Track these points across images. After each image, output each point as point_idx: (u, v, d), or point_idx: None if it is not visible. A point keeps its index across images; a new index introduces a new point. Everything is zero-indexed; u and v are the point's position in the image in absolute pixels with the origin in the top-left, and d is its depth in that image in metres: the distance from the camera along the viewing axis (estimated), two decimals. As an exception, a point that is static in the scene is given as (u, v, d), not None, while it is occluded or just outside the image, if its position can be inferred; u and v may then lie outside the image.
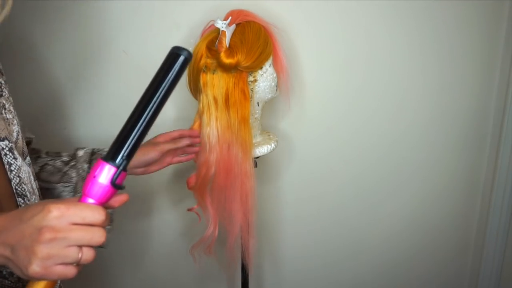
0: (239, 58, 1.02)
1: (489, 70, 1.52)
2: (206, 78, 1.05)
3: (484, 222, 1.67)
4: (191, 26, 1.22)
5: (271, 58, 1.10)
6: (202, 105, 1.08)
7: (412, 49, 1.43)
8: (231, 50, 1.02)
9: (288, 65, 1.17)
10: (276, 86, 1.14)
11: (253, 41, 1.04)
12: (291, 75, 1.25)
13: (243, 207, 1.14)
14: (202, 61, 1.05)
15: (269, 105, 1.30)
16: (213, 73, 1.05)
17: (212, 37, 1.05)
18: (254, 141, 1.16)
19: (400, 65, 1.45)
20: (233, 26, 1.04)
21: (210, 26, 1.12)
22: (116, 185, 0.57)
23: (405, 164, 1.57)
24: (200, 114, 1.10)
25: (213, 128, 1.07)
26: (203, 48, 1.05)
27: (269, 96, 1.13)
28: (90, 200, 0.57)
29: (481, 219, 1.69)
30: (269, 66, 1.10)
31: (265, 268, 1.59)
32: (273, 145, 1.18)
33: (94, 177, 0.57)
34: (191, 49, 1.09)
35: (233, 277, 1.55)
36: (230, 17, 1.04)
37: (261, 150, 1.16)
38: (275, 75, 1.12)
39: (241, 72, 1.04)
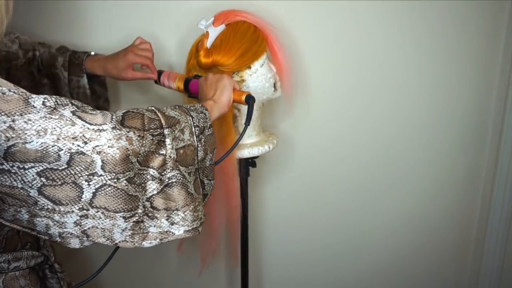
0: (215, 57, 1.02)
1: (489, 70, 1.52)
2: None
3: (484, 220, 1.68)
4: (191, 26, 1.22)
5: (262, 58, 1.09)
6: (186, 101, 1.10)
7: (414, 49, 1.44)
8: (209, 50, 1.03)
9: (289, 65, 1.16)
10: (273, 87, 1.12)
11: (234, 41, 1.04)
12: (293, 76, 1.25)
13: (228, 206, 1.15)
14: (191, 62, 1.07)
15: (270, 105, 1.30)
16: (198, 74, 1.06)
17: (202, 38, 1.06)
18: (248, 141, 1.16)
19: (401, 65, 1.45)
20: (222, 26, 1.04)
21: None
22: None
23: (406, 163, 1.57)
24: None
25: None
26: (193, 49, 1.08)
27: (265, 97, 1.12)
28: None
29: (482, 217, 1.69)
30: (260, 66, 1.08)
31: (265, 266, 1.59)
32: (266, 147, 1.15)
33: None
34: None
35: (233, 275, 1.55)
36: (212, 18, 1.04)
37: (252, 151, 1.14)
38: (269, 75, 1.10)
39: (223, 73, 1.04)
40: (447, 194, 1.65)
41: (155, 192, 0.74)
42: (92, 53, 1.07)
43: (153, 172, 0.73)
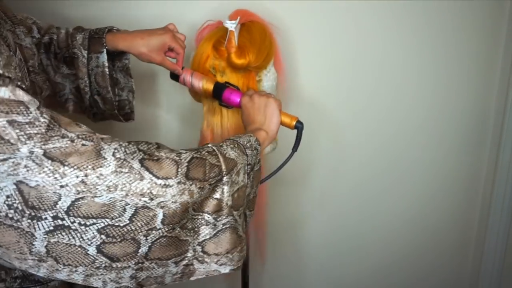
0: (251, 58, 1.00)
1: (489, 69, 1.53)
2: None
3: (485, 219, 1.68)
4: (191, 26, 1.22)
5: (273, 58, 1.09)
6: (212, 107, 1.07)
7: (413, 48, 1.44)
8: (241, 51, 1.00)
9: (287, 65, 1.17)
10: (276, 86, 1.13)
11: (261, 41, 1.03)
12: (289, 75, 1.25)
13: (256, 219, 1.14)
14: (209, 62, 1.03)
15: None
16: (222, 75, 1.04)
17: (218, 37, 1.03)
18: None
19: (400, 64, 1.45)
20: (239, 26, 1.03)
21: (206, 27, 1.11)
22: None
23: (406, 163, 1.57)
24: (209, 117, 1.09)
25: (224, 129, 1.06)
26: (209, 49, 1.03)
27: (271, 96, 1.13)
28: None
29: (482, 216, 1.69)
30: (272, 66, 1.09)
31: (265, 265, 1.59)
32: (274, 144, 1.17)
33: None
34: (192, 53, 1.08)
35: (233, 275, 1.55)
36: (239, 17, 1.02)
37: (266, 148, 1.14)
38: (276, 74, 1.11)
39: (250, 72, 1.04)
40: (447, 194, 1.65)
41: (207, 237, 0.73)
42: (115, 29, 0.97)
43: (208, 217, 0.72)
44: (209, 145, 0.76)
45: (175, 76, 1.03)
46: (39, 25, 0.95)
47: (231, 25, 0.99)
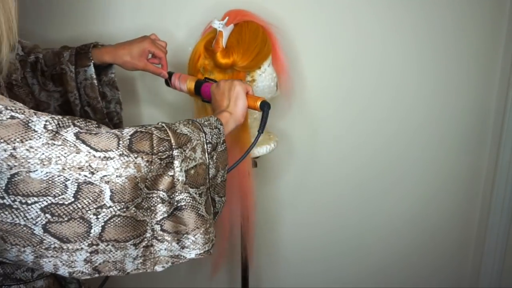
0: (235, 58, 1.01)
1: (489, 69, 1.53)
2: None
3: (485, 219, 1.68)
4: (191, 26, 1.22)
5: (269, 58, 1.09)
6: (199, 106, 1.08)
7: (413, 48, 1.44)
8: (227, 50, 1.01)
9: (289, 65, 1.16)
10: (276, 86, 1.13)
11: (250, 41, 1.04)
12: (291, 75, 1.24)
13: (243, 206, 1.14)
14: (200, 62, 1.05)
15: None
16: (210, 75, 1.05)
17: (210, 38, 1.05)
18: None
19: (401, 64, 1.45)
20: (231, 26, 1.03)
21: (210, 27, 1.11)
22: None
23: (406, 163, 1.57)
24: (198, 115, 1.10)
25: None
26: (200, 48, 1.05)
27: (269, 96, 1.12)
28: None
29: (482, 216, 1.70)
30: (268, 66, 1.09)
31: (264, 266, 1.59)
32: (272, 145, 1.17)
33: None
34: (190, 49, 1.09)
35: (233, 275, 1.55)
36: (227, 17, 1.03)
37: (260, 150, 1.15)
38: (274, 75, 1.11)
39: (238, 73, 1.04)
40: (447, 194, 1.65)
41: (165, 215, 0.71)
42: (100, 44, 1.04)
43: (163, 195, 0.70)
44: (159, 122, 0.75)
45: (168, 83, 1.08)
46: (23, 44, 1.00)
47: (219, 25, 1.00)
